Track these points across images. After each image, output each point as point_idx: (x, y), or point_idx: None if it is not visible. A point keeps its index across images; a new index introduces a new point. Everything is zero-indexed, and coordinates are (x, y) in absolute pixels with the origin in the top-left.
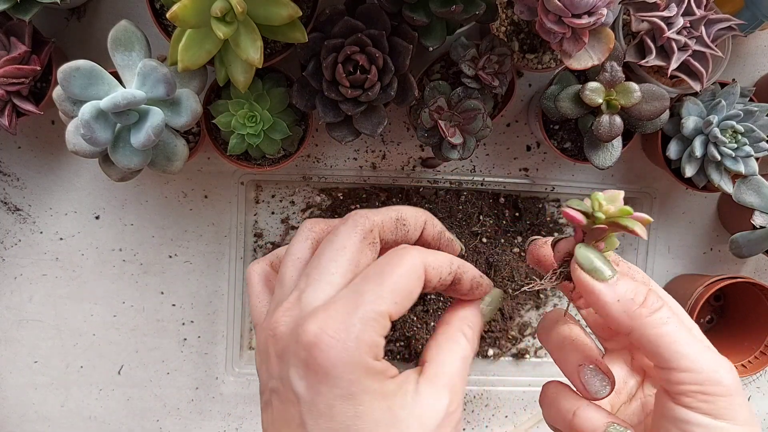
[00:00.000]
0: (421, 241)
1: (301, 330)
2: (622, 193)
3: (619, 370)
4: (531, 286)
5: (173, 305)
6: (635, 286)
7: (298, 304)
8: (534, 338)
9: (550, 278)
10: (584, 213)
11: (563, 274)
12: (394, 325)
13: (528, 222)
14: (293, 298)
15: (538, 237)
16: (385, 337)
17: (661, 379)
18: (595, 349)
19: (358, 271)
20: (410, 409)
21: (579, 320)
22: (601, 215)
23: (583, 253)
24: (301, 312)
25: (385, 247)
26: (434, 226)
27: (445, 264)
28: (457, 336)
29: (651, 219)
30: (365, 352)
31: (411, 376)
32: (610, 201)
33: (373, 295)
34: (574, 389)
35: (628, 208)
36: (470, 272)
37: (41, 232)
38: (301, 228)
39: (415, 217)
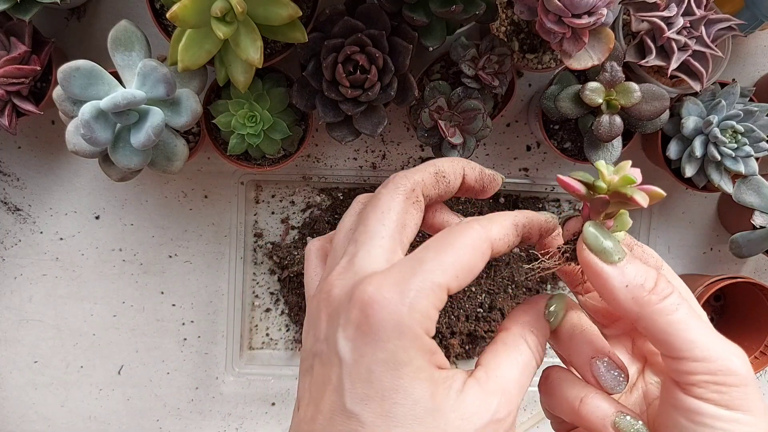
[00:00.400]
0: (464, 188)
1: (356, 290)
2: (629, 163)
3: (619, 356)
4: (535, 264)
5: (173, 305)
6: (645, 270)
7: (351, 268)
8: None
9: (555, 257)
10: (585, 183)
11: (568, 254)
12: None
13: None
14: (344, 262)
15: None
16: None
17: (670, 369)
18: (605, 340)
19: (405, 231)
20: (453, 403)
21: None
22: (602, 184)
23: (591, 231)
24: (355, 275)
25: (429, 204)
26: (473, 169)
27: (510, 231)
28: (516, 341)
29: (663, 193)
30: (417, 321)
31: (459, 374)
32: (617, 171)
33: (433, 265)
34: (579, 376)
35: (631, 176)
36: (536, 221)
37: (41, 232)
38: (353, 203)
39: (453, 167)
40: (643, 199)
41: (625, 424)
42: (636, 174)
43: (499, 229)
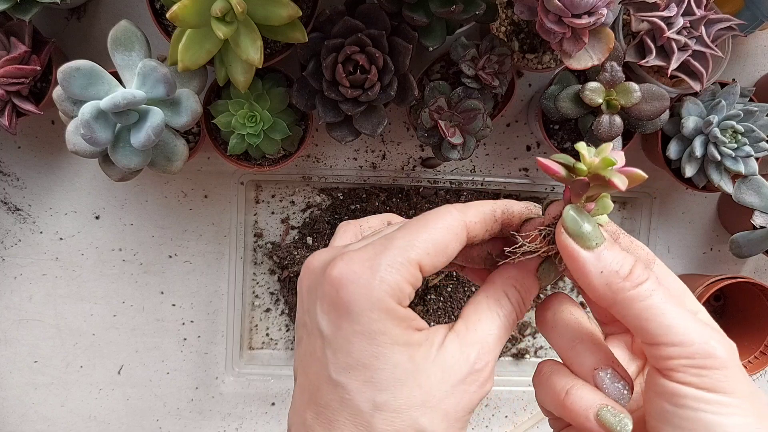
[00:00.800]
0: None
1: (329, 266)
2: (610, 145)
3: (618, 353)
4: (516, 248)
5: (173, 305)
6: (622, 257)
7: (339, 248)
8: (534, 338)
9: (537, 241)
10: (565, 165)
11: (549, 237)
12: None
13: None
14: (335, 243)
15: (534, 216)
16: (416, 291)
17: (650, 355)
18: (609, 349)
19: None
20: (433, 359)
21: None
22: (582, 167)
23: (570, 215)
24: (335, 251)
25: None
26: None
27: (488, 215)
28: (498, 295)
29: (644, 175)
30: (387, 293)
31: (440, 330)
32: (598, 153)
33: (404, 242)
34: (570, 369)
35: (611, 158)
36: (515, 208)
37: (41, 232)
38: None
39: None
40: (621, 182)
41: (609, 417)
42: (617, 156)
43: (475, 213)
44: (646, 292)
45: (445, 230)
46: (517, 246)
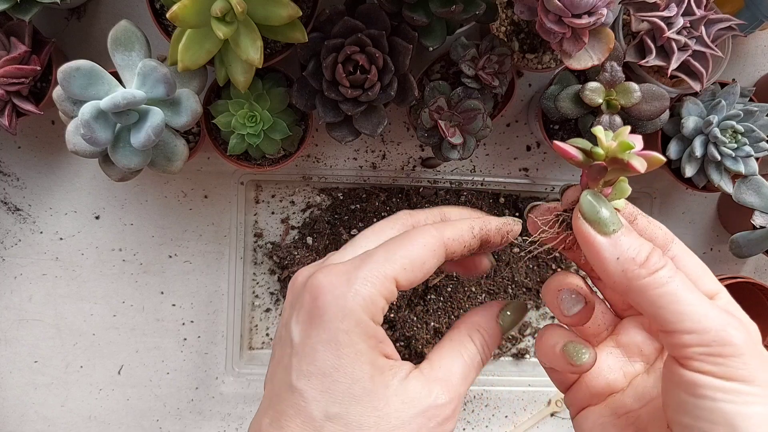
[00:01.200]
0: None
1: (310, 278)
2: (628, 128)
3: (635, 335)
4: (532, 238)
5: (173, 305)
6: (639, 243)
7: (323, 263)
8: (534, 338)
9: (555, 227)
10: (583, 150)
11: (565, 222)
12: (394, 325)
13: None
14: (322, 261)
15: (540, 203)
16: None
17: (666, 343)
18: (580, 279)
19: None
20: (395, 389)
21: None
22: (599, 151)
23: (587, 200)
24: (318, 267)
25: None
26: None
27: (466, 232)
28: (463, 339)
29: (662, 158)
30: (360, 305)
31: (406, 366)
32: (615, 137)
33: (382, 257)
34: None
35: (629, 142)
36: (493, 224)
37: (41, 232)
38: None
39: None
40: (640, 165)
41: (571, 348)
42: (635, 140)
43: (453, 232)
44: (662, 278)
45: (423, 247)
46: (538, 233)
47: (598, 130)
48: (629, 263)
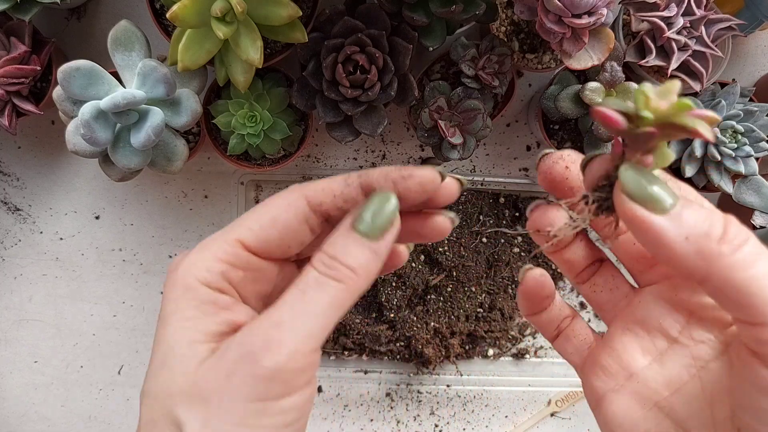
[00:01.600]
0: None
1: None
2: (677, 83)
3: (654, 308)
4: (555, 231)
5: None
6: (708, 214)
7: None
8: (534, 338)
9: (583, 212)
10: (625, 114)
11: (602, 206)
12: (394, 325)
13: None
14: None
15: (551, 150)
16: (246, 271)
17: (748, 336)
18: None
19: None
20: (221, 352)
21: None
22: (648, 114)
23: (630, 175)
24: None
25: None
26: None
27: (336, 182)
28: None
29: (718, 117)
30: (191, 272)
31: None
32: (662, 95)
33: (230, 225)
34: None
35: (686, 101)
36: (375, 172)
37: (41, 232)
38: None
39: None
40: (707, 132)
41: (524, 271)
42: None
43: (315, 185)
44: (750, 256)
45: (273, 204)
46: (567, 222)
47: (647, 87)
48: (703, 240)
